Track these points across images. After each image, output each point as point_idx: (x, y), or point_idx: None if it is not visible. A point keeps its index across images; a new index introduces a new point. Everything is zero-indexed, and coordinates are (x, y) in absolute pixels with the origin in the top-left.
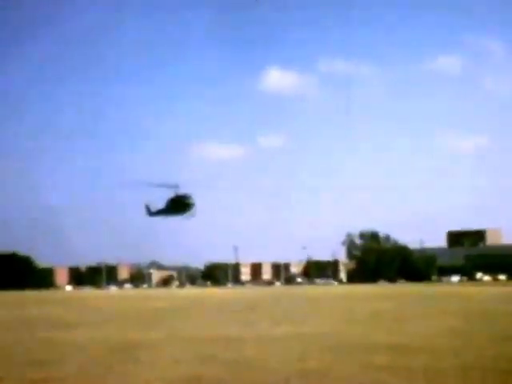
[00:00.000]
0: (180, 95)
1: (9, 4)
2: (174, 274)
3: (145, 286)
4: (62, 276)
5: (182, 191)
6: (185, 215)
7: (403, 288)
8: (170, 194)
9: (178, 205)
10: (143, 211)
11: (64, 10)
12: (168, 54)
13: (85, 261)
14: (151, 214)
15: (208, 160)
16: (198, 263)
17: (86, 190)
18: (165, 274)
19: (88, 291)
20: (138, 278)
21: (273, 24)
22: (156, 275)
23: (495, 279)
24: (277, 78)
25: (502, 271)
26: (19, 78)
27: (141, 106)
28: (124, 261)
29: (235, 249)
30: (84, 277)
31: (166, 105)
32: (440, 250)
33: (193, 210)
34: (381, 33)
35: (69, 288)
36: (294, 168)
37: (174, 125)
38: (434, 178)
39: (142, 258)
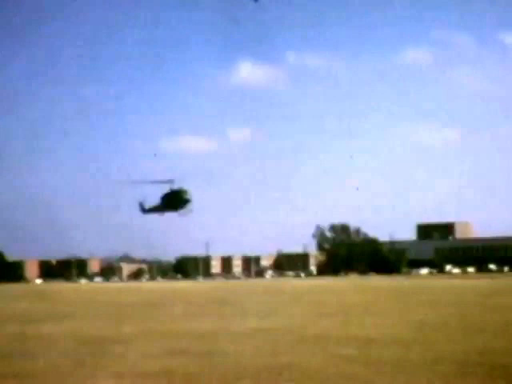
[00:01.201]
0: (149, 89)
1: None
2: (145, 267)
3: (115, 279)
4: (32, 269)
5: (177, 186)
6: (181, 211)
7: (373, 281)
8: (164, 189)
9: (174, 201)
10: (134, 208)
11: (64, 10)
12: (140, 48)
13: (55, 254)
14: (145, 211)
15: (178, 153)
16: (169, 256)
17: (58, 185)
18: (135, 267)
19: (58, 285)
20: (109, 271)
21: (243, 18)
22: (127, 268)
23: (464, 272)
24: (247, 72)
25: (471, 264)
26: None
27: (109, 101)
28: (95, 254)
29: (206, 242)
30: (54, 270)
31: (135, 99)
32: (410, 242)
33: (189, 206)
34: (350, 26)
35: (39, 281)
36: (264, 161)
37: (144, 118)
38: (404, 171)
39: (113, 252)
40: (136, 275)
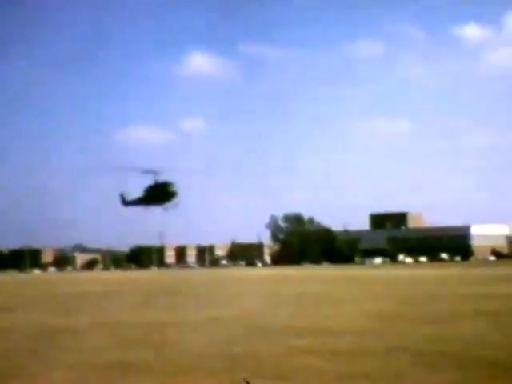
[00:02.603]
0: (100, 79)
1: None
2: (99, 256)
3: (69, 269)
4: None
5: (162, 178)
6: (166, 205)
7: (327, 271)
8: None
9: (158, 193)
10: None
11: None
12: (91, 40)
13: (8, 244)
14: (126, 203)
15: (131, 143)
16: (123, 246)
17: (11, 175)
18: (89, 257)
19: (10, 275)
20: (63, 261)
21: (194, 8)
22: (80, 258)
23: (417, 261)
24: (198, 62)
25: (423, 253)
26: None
27: (61, 90)
28: (48, 244)
29: (160, 232)
30: (7, 260)
31: (87, 90)
32: (363, 232)
33: (175, 200)
34: (303, 19)
35: None
36: (216, 151)
37: (96, 109)
38: (357, 161)
39: (67, 241)
40: (90, 265)
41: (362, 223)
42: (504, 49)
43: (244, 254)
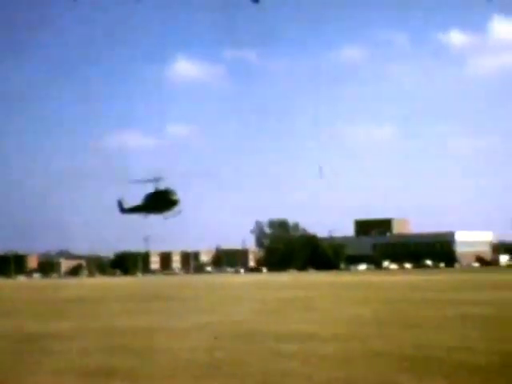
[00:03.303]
0: (85, 82)
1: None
2: (84, 263)
3: (54, 275)
4: None
5: (163, 186)
6: (166, 213)
7: (312, 277)
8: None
9: (159, 202)
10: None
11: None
12: (77, 43)
13: None
14: (124, 211)
15: (116, 147)
16: (108, 252)
17: None
18: (74, 263)
19: None
20: (48, 267)
21: (178, 12)
22: (65, 264)
23: (401, 268)
24: (184, 67)
25: (408, 260)
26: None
27: (49, 94)
28: (33, 250)
29: (145, 238)
30: None
31: (72, 93)
32: (348, 238)
33: (176, 208)
34: (288, 24)
35: None
36: (202, 156)
37: (80, 112)
38: (342, 167)
39: (52, 247)
40: (75, 271)
41: (347, 229)
42: (489, 55)
43: (229, 260)
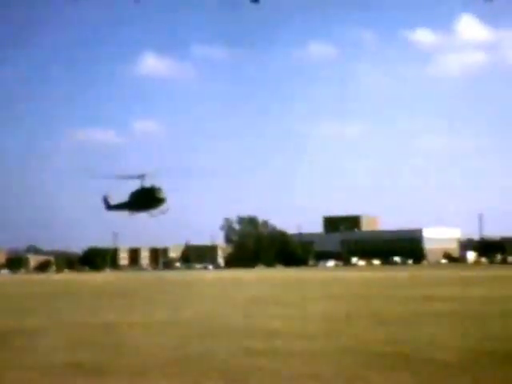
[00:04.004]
0: (50, 79)
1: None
2: (52, 258)
3: (22, 271)
4: None
5: (149, 183)
6: (152, 212)
7: (281, 273)
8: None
9: (145, 199)
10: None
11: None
12: (45, 40)
13: None
14: (110, 207)
15: (83, 145)
16: (77, 248)
17: None
18: (42, 259)
19: None
20: (16, 263)
21: (147, 7)
22: (33, 260)
23: (370, 264)
24: (151, 63)
25: (376, 256)
26: None
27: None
28: (1, 245)
29: (113, 234)
30: None
31: (40, 90)
32: (317, 235)
33: (163, 206)
34: (256, 21)
35: None
36: (169, 153)
37: (46, 109)
38: (310, 164)
39: (19, 243)
40: (43, 267)
41: (316, 226)
42: (456, 53)
43: (198, 256)
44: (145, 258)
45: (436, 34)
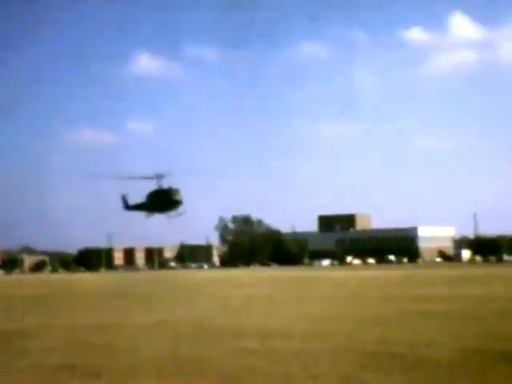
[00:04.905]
0: (45, 79)
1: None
2: (47, 259)
3: (17, 271)
4: None
5: (166, 184)
6: (169, 214)
7: (276, 272)
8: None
9: (162, 201)
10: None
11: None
12: (32, 36)
13: None
14: (128, 207)
15: (79, 145)
16: (72, 248)
17: None
18: (37, 259)
19: None
20: (10, 263)
21: (140, 9)
22: (28, 260)
23: (365, 263)
24: (145, 64)
25: (371, 255)
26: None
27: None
28: None
29: (108, 234)
30: None
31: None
32: (311, 234)
33: (180, 208)
34: (247, 21)
35: None
36: (164, 153)
37: (41, 109)
38: (305, 163)
39: (14, 243)
40: (38, 267)
41: (311, 225)
42: (449, 52)
43: (193, 255)
44: (140, 257)
45: (429, 32)
